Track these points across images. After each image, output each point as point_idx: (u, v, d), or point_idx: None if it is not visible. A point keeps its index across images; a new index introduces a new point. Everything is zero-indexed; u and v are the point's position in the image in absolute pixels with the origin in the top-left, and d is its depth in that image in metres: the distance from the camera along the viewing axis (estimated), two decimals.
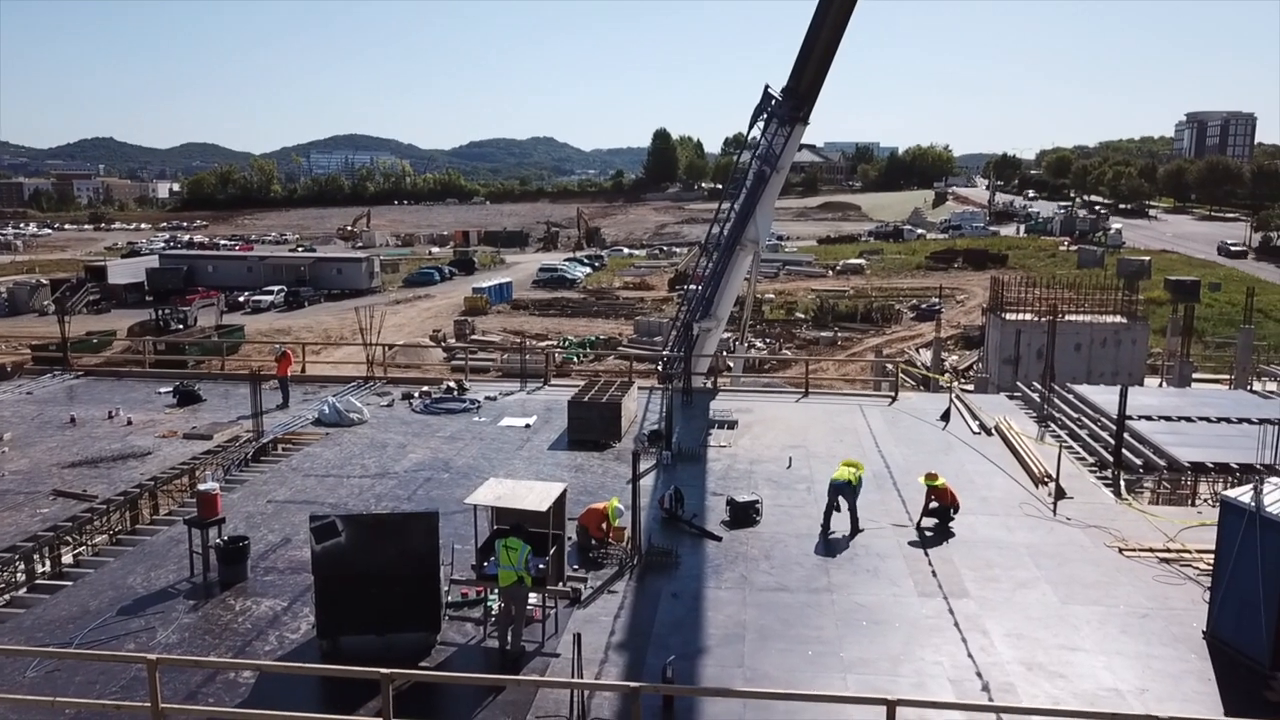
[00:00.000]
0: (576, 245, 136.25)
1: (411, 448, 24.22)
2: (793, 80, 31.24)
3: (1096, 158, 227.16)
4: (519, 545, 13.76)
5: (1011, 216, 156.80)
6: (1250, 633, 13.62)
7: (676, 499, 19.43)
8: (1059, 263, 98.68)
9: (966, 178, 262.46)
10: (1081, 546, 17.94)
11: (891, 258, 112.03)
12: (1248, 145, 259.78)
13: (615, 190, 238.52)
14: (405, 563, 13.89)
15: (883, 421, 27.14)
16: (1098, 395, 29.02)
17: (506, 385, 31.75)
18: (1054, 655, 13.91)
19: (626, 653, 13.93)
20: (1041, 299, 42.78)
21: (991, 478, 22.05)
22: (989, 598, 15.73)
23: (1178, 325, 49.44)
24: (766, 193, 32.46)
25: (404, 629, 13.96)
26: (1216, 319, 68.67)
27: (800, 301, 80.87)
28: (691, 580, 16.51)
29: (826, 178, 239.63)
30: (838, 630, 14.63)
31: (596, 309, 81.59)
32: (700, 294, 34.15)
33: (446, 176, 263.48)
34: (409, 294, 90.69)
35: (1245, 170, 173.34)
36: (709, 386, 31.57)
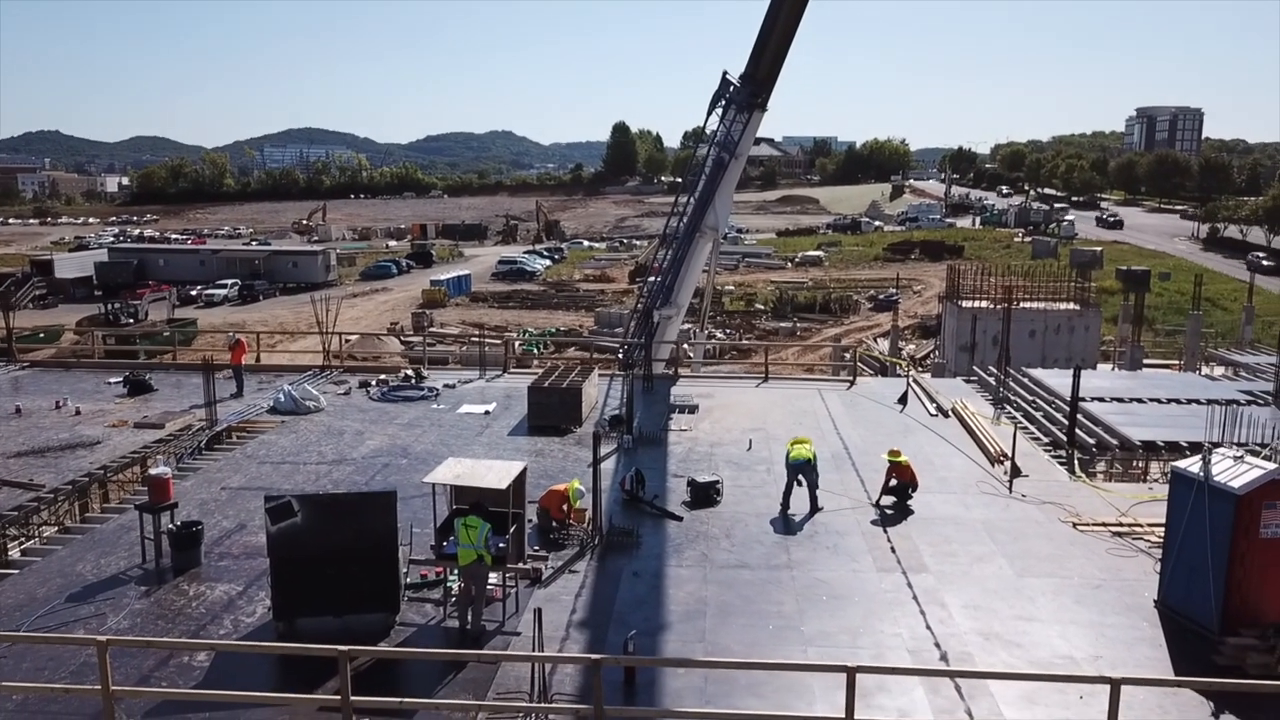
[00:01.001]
0: (536, 238, 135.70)
1: (369, 435, 23.96)
2: (751, 66, 31.32)
3: (1050, 151, 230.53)
4: (478, 524, 13.64)
5: (967, 209, 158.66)
6: (1199, 599, 13.89)
7: (638, 481, 19.42)
8: (1014, 254, 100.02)
9: (923, 171, 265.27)
10: (1036, 522, 18.20)
11: (849, 250, 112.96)
12: (1195, 139, 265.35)
13: (575, 184, 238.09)
14: (363, 543, 13.72)
15: (841, 405, 27.33)
16: (1052, 378, 29.47)
17: (465, 373, 31.53)
18: (1010, 625, 14.09)
19: (588, 630, 13.89)
20: (997, 287, 43.29)
21: (949, 458, 22.29)
22: (947, 572, 15.90)
23: (1129, 313, 50.40)
24: (725, 179, 32.53)
25: (362, 610, 13.79)
26: (1166, 307, 70.11)
27: (760, 293, 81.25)
28: (653, 559, 16.50)
29: (785, 171, 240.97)
30: (798, 605, 14.70)
31: (556, 301, 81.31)
32: (660, 281, 34.15)
33: (404, 170, 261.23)
34: (366, 287, 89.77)
35: (1193, 164, 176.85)
36: (671, 374, 31.59)
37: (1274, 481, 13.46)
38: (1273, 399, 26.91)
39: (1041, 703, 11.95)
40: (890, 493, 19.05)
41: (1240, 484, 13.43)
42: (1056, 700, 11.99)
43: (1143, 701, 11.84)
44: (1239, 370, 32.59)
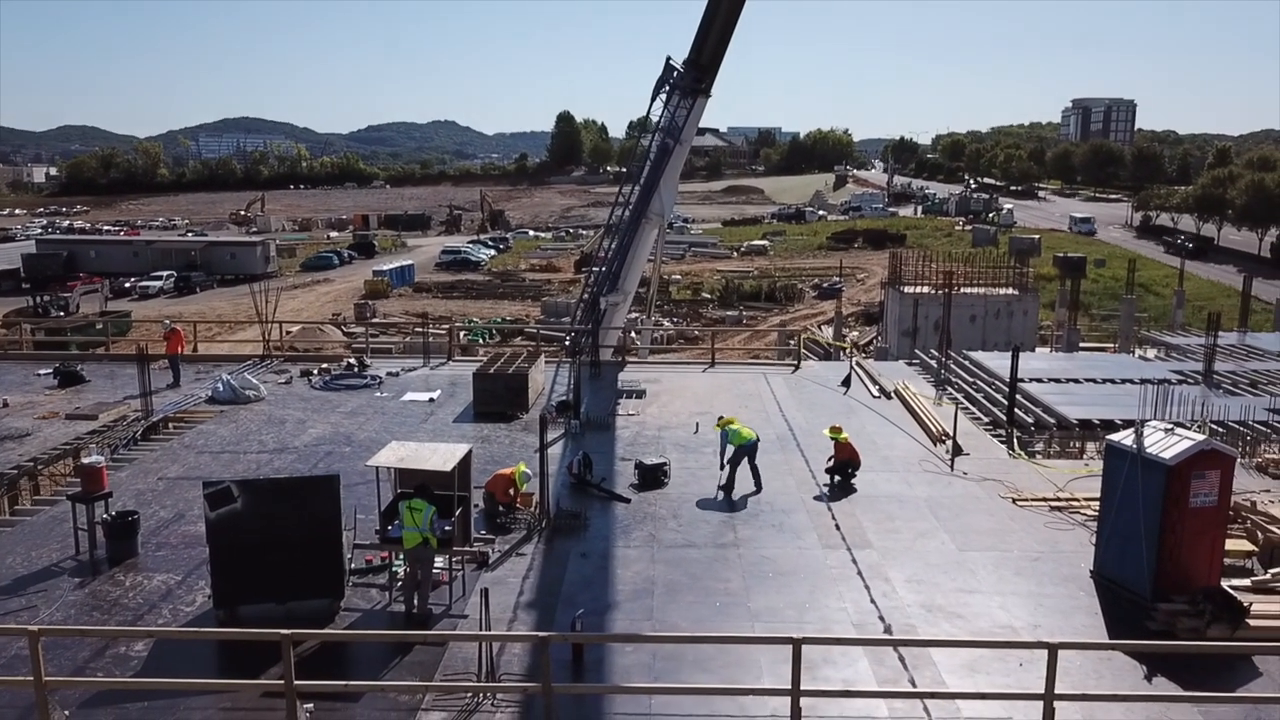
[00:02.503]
0: (480, 228, 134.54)
1: (311, 423, 23.58)
2: (694, 52, 31.30)
3: (989, 142, 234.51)
4: (423, 506, 13.50)
5: (909, 198, 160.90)
6: (1132, 568, 14.27)
7: (585, 464, 19.38)
8: (954, 241, 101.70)
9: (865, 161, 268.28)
10: (977, 498, 18.55)
11: (794, 239, 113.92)
12: (1129, 130, 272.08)
13: (519, 173, 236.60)
14: (306, 528, 13.50)
15: (786, 388, 27.56)
16: (991, 360, 30.03)
17: (409, 361, 31.17)
18: (952, 598, 14.34)
19: (535, 611, 13.84)
20: (938, 274, 44.00)
21: (892, 437, 22.60)
22: (890, 548, 16.13)
23: (1065, 298, 51.64)
24: (670, 166, 32.50)
25: (305, 596, 13.57)
26: (1101, 293, 71.88)
27: (706, 282, 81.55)
28: (600, 541, 16.49)
29: (730, 162, 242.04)
30: (745, 582, 14.80)
31: (502, 291, 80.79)
32: (607, 269, 34.07)
33: (344, 160, 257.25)
34: (307, 278, 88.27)
35: (1127, 154, 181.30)
36: (618, 361, 31.58)
37: (1203, 453, 13.88)
38: (1202, 378, 27.73)
39: (983, 671, 12.19)
40: (833, 471, 19.26)
41: (1171, 455, 13.81)
42: (997, 668, 12.24)
43: (1079, 667, 12.14)
44: (1170, 351, 33.48)
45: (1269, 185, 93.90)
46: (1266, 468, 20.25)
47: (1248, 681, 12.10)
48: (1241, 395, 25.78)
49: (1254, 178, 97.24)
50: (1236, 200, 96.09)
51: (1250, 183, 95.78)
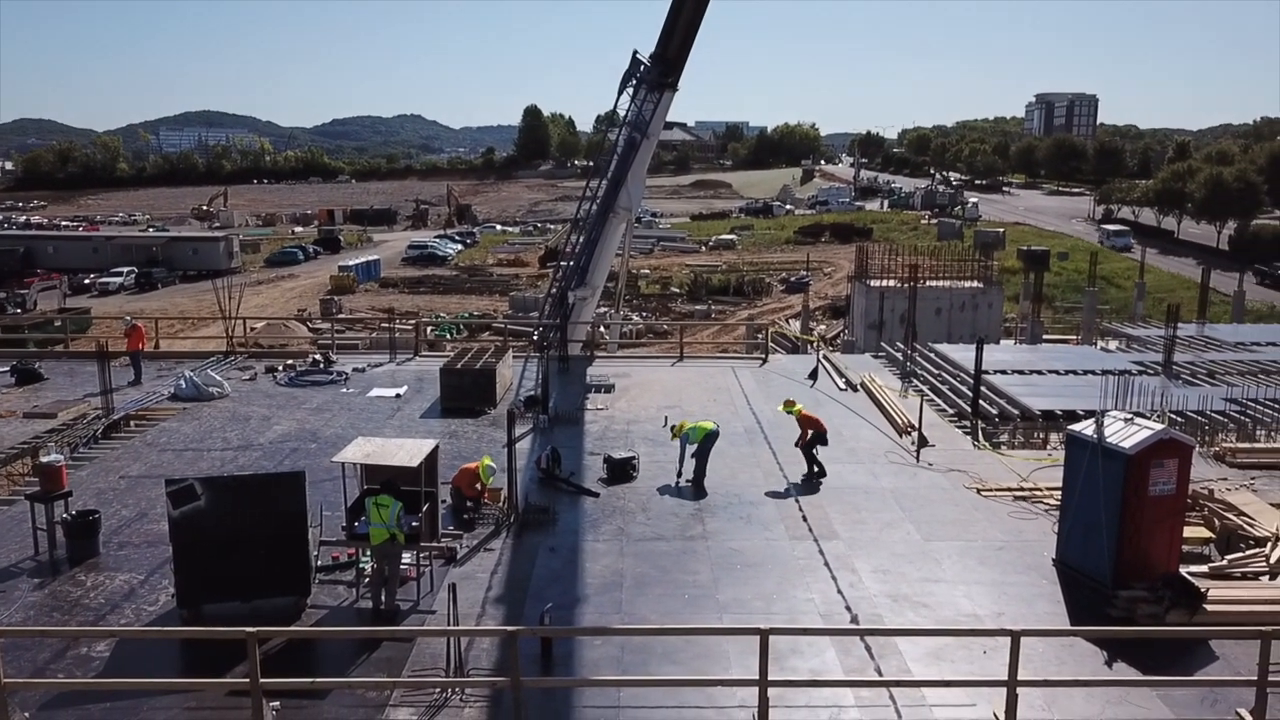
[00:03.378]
0: (447, 223, 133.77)
1: (276, 420, 23.37)
2: (660, 46, 31.35)
3: (954, 136, 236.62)
4: (390, 502, 13.43)
5: (876, 192, 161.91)
6: (1094, 556, 14.50)
7: (553, 459, 19.37)
8: (920, 235, 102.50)
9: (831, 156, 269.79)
10: (942, 489, 18.75)
11: (762, 233, 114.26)
12: (1091, 125, 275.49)
13: (486, 168, 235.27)
14: (271, 525, 13.38)
15: (754, 381, 27.69)
16: (956, 353, 30.33)
17: (375, 357, 30.95)
18: (918, 587, 14.50)
19: (503, 605, 13.82)
20: (904, 267, 44.33)
21: (858, 429, 22.78)
22: (857, 538, 16.27)
23: (1029, 291, 52.22)
24: (638, 160, 32.53)
25: (271, 594, 13.46)
26: (1064, 285, 72.81)
27: (675, 277, 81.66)
28: (569, 535, 16.49)
29: (698, 156, 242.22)
30: (713, 574, 14.87)
31: (469, 286, 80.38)
32: (574, 263, 34.03)
33: (309, 154, 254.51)
34: (271, 274, 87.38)
35: (1089, 148, 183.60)
36: (587, 355, 31.55)
37: (1161, 442, 14.11)
38: (1161, 369, 28.17)
39: (948, 659, 12.33)
40: (808, 450, 19.31)
41: (1130, 444, 14.04)
42: (962, 656, 12.39)
43: (1042, 654, 12.32)
44: (1131, 343, 33.98)
45: (1226, 179, 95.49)
46: (1224, 456, 20.64)
47: (1205, 665, 12.35)
48: (1200, 385, 26.22)
49: (1212, 172, 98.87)
50: (1195, 194, 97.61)
51: (1208, 177, 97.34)
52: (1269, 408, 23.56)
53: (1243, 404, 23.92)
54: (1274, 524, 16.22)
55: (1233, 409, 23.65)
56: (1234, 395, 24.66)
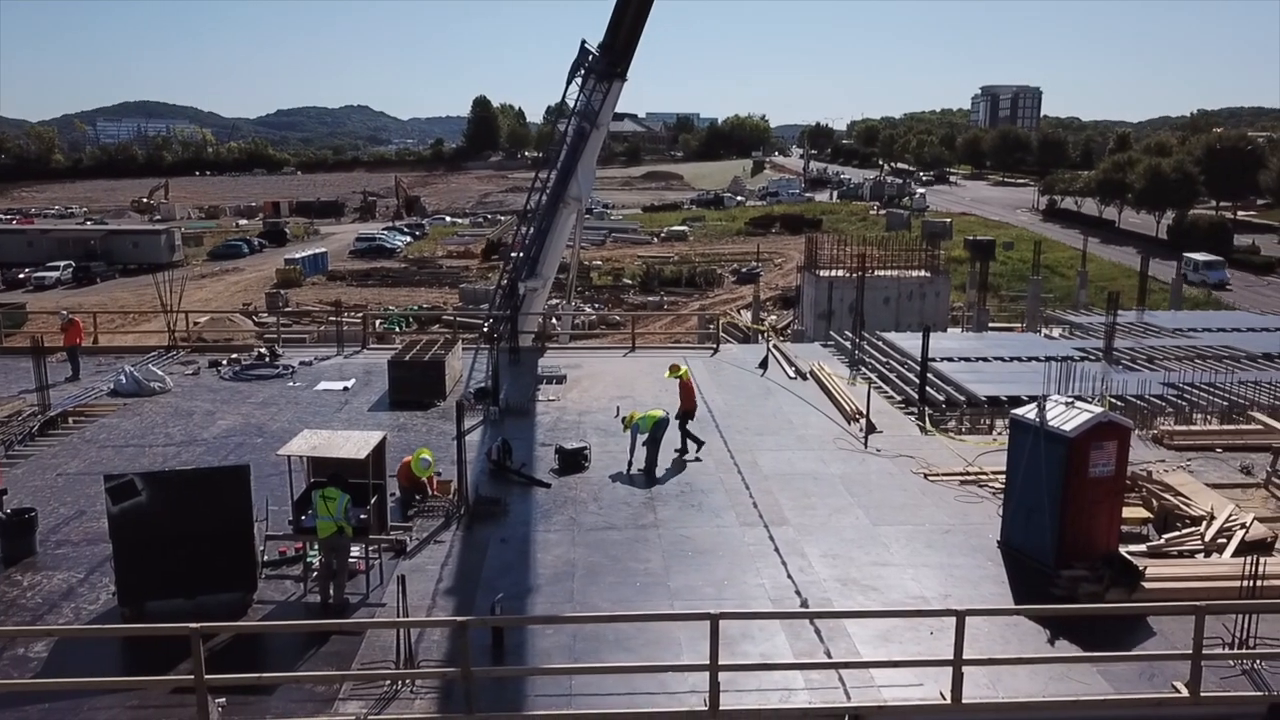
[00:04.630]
0: (395, 215, 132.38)
1: (221, 415, 22.95)
2: (609, 36, 31.23)
3: (902, 128, 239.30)
4: (337, 495, 13.27)
5: (825, 183, 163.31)
6: (1037, 537, 14.79)
7: (504, 450, 19.26)
8: (869, 226, 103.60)
9: (782, 149, 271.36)
10: (890, 474, 18.99)
11: (713, 224, 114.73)
12: (1035, 116, 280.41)
13: (435, 159, 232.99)
14: (215, 520, 13.14)
15: (705, 371, 27.77)
16: (904, 341, 30.73)
17: (323, 350, 30.52)
18: (867, 571, 14.67)
19: (455, 597, 13.73)
20: (852, 257, 44.73)
21: (808, 416, 22.98)
22: (806, 524, 16.42)
23: (975, 279, 53.05)
24: (587, 149, 32.41)
25: (216, 590, 13.22)
26: (1009, 274, 74.10)
27: (627, 268, 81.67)
28: (520, 526, 16.43)
29: (649, 148, 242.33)
30: (665, 562, 14.92)
31: (419, 278, 79.68)
32: (525, 253, 33.84)
33: (253, 146, 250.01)
34: (215, 267, 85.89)
35: (1033, 139, 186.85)
36: (538, 347, 31.41)
37: (1101, 424, 14.43)
38: (1103, 355, 28.80)
39: (896, 640, 12.51)
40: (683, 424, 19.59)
41: (1071, 427, 14.33)
42: (910, 637, 12.57)
43: (987, 633, 12.55)
44: (1074, 330, 34.68)
45: (1165, 170, 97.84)
46: (1162, 439, 21.15)
47: (1143, 641, 12.67)
48: (1139, 371, 26.84)
49: (1151, 163, 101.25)
50: (1135, 184, 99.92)
51: (1148, 168, 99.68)
52: (1205, 392, 24.22)
53: (1180, 388, 24.56)
54: (1209, 504, 16.67)
55: (1170, 393, 24.27)
56: (1172, 380, 25.31)
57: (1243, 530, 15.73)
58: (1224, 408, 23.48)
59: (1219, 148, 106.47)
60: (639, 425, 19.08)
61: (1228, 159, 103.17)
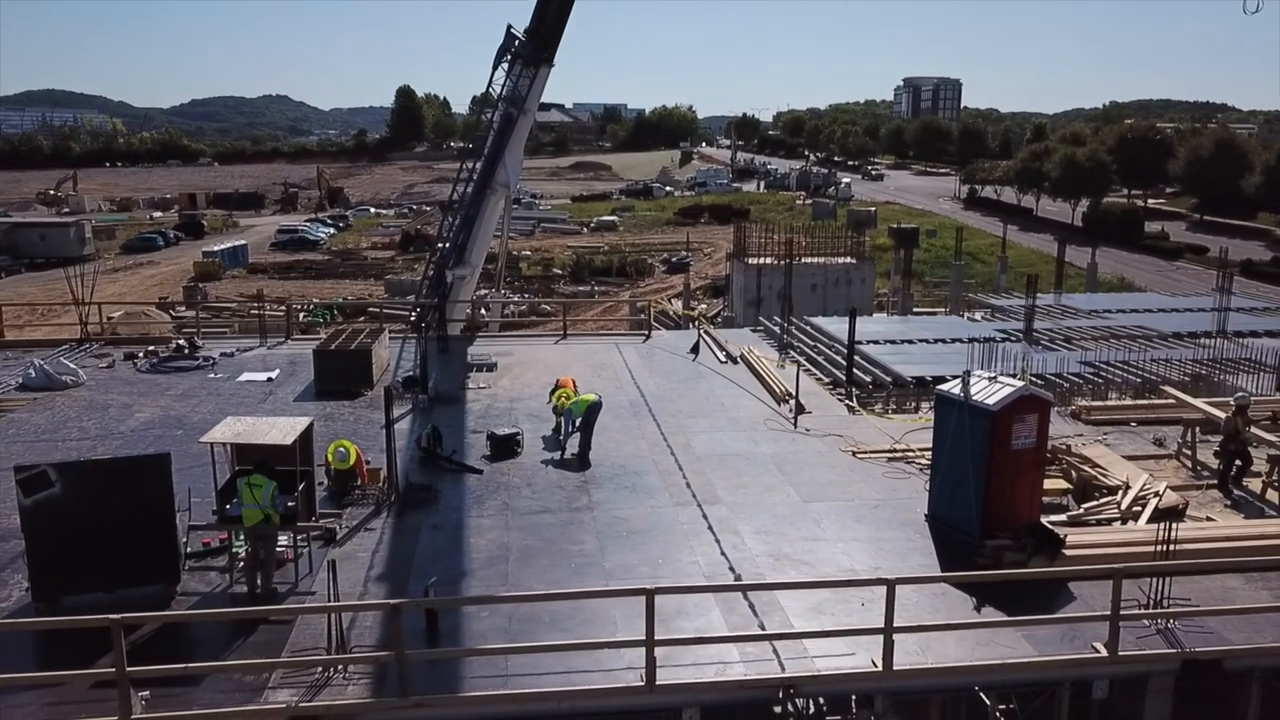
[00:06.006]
0: (318, 206, 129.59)
1: (138, 407, 22.23)
2: (535, 21, 30.91)
3: (827, 118, 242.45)
4: (263, 482, 12.97)
5: (753, 174, 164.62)
6: (962, 509, 15.15)
7: (434, 437, 19.03)
8: (796, 215, 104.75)
9: (709, 140, 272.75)
10: (820, 453, 19.26)
11: (642, 214, 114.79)
12: (955, 108, 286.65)
13: (359, 150, 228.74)
14: (134, 511, 12.74)
15: (637, 356, 27.82)
16: (831, 325, 31.21)
17: (245, 342, 29.77)
18: (799, 546, 14.87)
19: (387, 583, 13.53)
20: (780, 245, 45.20)
21: (739, 399, 23.18)
22: (739, 502, 16.57)
23: (900, 266, 54.09)
24: (515, 135, 32.08)
25: (137, 582, 12.82)
26: (933, 261, 75.67)
27: (557, 258, 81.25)
28: (453, 512, 16.26)
29: (577, 138, 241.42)
30: (599, 543, 14.92)
31: (343, 270, 78.18)
32: (452, 241, 33.41)
33: (167, 136, 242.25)
34: (129, 261, 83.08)
35: (954, 130, 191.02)
36: (468, 336, 31.05)
37: (1022, 398, 14.83)
38: (1023, 336, 29.61)
39: (828, 612, 12.70)
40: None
41: (994, 401, 14.70)
42: (842, 609, 12.77)
43: (916, 603, 12.82)
44: (995, 313, 35.55)
45: (1080, 160, 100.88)
46: (1080, 414, 21.83)
47: (1065, 605, 13.08)
48: (1058, 350, 27.66)
49: (1067, 152, 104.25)
50: (1052, 173, 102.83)
51: (1063, 157, 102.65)
52: (1120, 370, 25.08)
53: (1096, 366, 25.40)
54: (1125, 474, 17.28)
55: (1087, 371, 25.08)
56: (1088, 359, 26.15)
57: (1156, 498, 16.35)
58: (1138, 384, 24.34)
59: (1130, 138, 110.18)
60: (572, 410, 19.03)
61: (1138, 149, 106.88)
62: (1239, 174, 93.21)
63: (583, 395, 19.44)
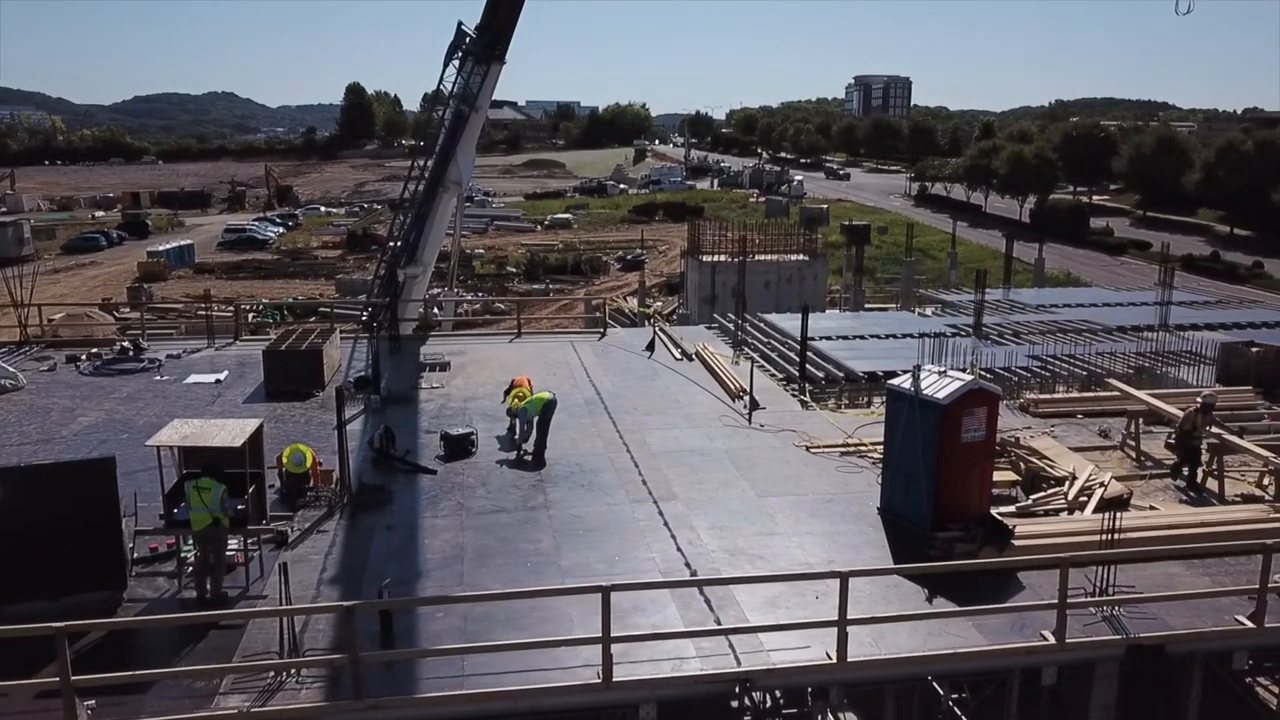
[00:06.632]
0: (267, 205, 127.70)
1: (81, 411, 21.75)
2: (486, 18, 30.73)
3: (779, 116, 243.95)
4: (212, 485, 12.76)
5: (706, 171, 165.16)
6: (914, 502, 15.35)
7: (386, 438, 18.85)
8: (750, 212, 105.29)
9: (663, 137, 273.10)
10: (774, 448, 19.41)
11: (597, 212, 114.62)
12: (906, 105, 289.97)
13: (308, 148, 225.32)
14: (78, 517, 12.47)
15: (593, 355, 27.80)
16: (784, 321, 31.42)
17: (192, 343, 29.25)
18: (754, 541, 14.98)
19: (340, 585, 13.39)
20: (733, 243, 45.40)
21: (694, 396, 23.26)
22: (695, 498, 16.65)
23: (851, 263, 54.60)
24: (466, 133, 31.87)
25: (82, 590, 12.53)
26: (884, 257, 76.50)
27: (511, 256, 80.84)
28: (407, 513, 16.13)
29: (530, 135, 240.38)
30: (556, 541, 14.89)
31: (293, 270, 77.09)
32: (403, 240, 33.10)
33: (109, 133, 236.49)
34: (70, 261, 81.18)
35: (904, 128, 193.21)
36: (420, 335, 30.80)
37: (971, 391, 15.07)
38: (972, 331, 30.06)
39: (783, 606, 12.80)
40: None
41: (944, 395, 14.91)
42: (796, 602, 12.89)
43: (870, 595, 12.97)
44: (945, 308, 36.05)
45: (1027, 157, 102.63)
46: (1028, 407, 22.23)
47: (1014, 594, 13.32)
48: (1006, 344, 28.11)
49: (1014, 150, 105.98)
50: (1000, 170, 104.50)
51: (1011, 155, 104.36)
52: (1066, 363, 25.57)
53: (1044, 360, 25.86)
54: (1071, 466, 17.63)
55: (1035, 365, 25.53)
56: (1036, 353, 26.62)
57: (1102, 489, 16.72)
58: (1084, 377, 24.82)
59: (1075, 136, 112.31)
60: (527, 409, 18.95)
61: (1083, 146, 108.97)
62: (1180, 171, 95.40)
63: (537, 394, 19.38)
